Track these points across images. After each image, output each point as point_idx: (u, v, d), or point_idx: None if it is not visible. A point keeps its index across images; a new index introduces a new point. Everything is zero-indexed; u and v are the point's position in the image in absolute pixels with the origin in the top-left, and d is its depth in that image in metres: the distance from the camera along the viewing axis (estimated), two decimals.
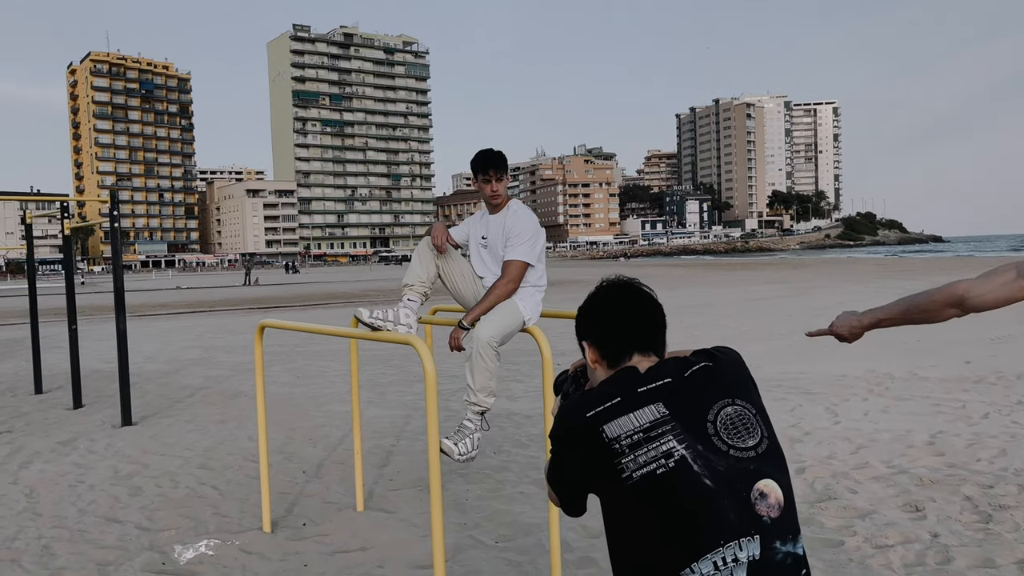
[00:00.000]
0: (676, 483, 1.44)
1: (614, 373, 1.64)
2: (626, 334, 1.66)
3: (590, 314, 1.72)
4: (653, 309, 1.70)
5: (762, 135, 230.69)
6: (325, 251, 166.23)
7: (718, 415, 1.53)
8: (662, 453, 1.46)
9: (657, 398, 1.52)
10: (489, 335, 3.46)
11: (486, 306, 3.52)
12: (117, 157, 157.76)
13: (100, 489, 5.43)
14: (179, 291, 44.57)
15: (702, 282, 35.78)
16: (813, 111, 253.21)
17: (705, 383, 1.57)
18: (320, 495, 5.17)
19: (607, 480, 1.50)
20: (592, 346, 1.70)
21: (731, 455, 1.49)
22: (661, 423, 1.49)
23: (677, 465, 1.45)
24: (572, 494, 1.64)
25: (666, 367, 1.60)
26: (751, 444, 1.52)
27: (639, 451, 1.47)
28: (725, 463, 1.48)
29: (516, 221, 3.63)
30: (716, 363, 1.62)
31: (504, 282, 3.55)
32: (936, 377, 8.56)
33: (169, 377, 10.77)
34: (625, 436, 1.48)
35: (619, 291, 1.71)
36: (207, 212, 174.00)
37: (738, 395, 1.58)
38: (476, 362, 3.51)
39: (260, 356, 4.53)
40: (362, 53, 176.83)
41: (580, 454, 1.54)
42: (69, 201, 8.66)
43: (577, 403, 1.59)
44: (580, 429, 1.54)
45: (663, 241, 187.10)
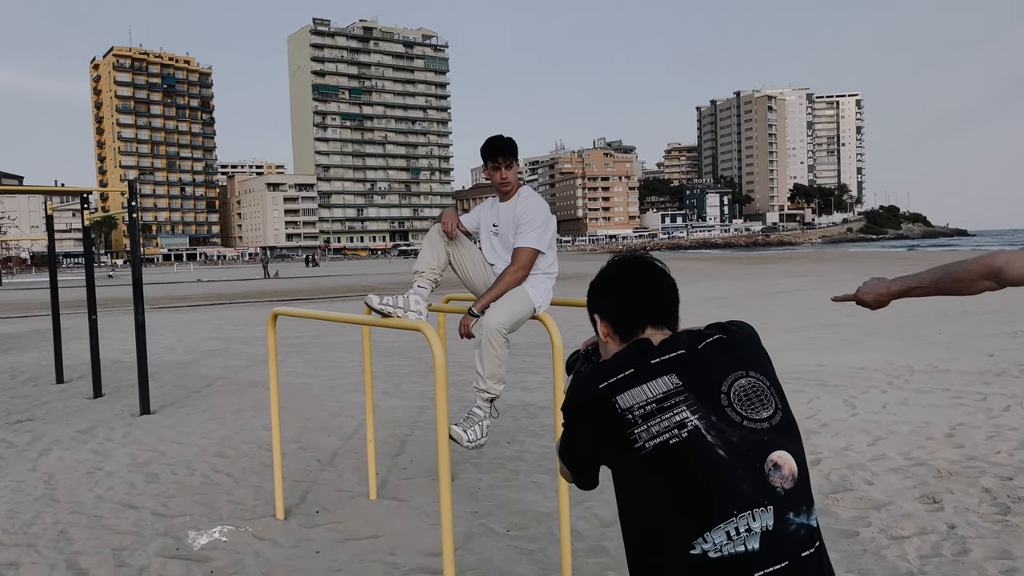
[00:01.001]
0: (689, 453, 1.44)
1: (627, 346, 1.62)
2: (638, 307, 1.65)
3: (602, 288, 1.71)
4: (666, 282, 1.69)
5: (783, 128, 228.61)
6: (345, 244, 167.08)
7: (732, 386, 1.52)
8: (675, 423, 1.46)
9: (670, 369, 1.51)
10: (499, 322, 3.44)
11: (496, 293, 3.51)
12: (139, 151, 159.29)
13: (117, 476, 5.48)
14: (200, 284, 44.97)
15: (722, 275, 35.57)
16: (836, 103, 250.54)
17: (719, 355, 1.56)
18: (333, 483, 5.19)
19: (620, 450, 1.49)
20: (604, 320, 1.68)
21: (745, 426, 1.48)
22: (674, 394, 1.48)
23: (690, 435, 1.45)
24: (584, 466, 1.63)
25: (679, 339, 1.58)
26: (765, 416, 1.51)
27: (652, 421, 1.46)
28: (739, 434, 1.47)
29: (527, 208, 3.61)
30: (730, 336, 1.61)
31: (514, 269, 3.53)
32: (957, 370, 8.45)
33: (188, 367, 10.87)
34: (638, 407, 1.47)
35: (631, 264, 1.70)
36: (228, 206, 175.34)
37: (752, 367, 1.57)
38: (486, 349, 3.51)
39: (273, 343, 4.55)
40: (381, 47, 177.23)
41: (592, 425, 1.53)
42: (88, 193, 8.74)
43: (590, 375, 1.58)
44: (593, 400, 1.53)
45: (683, 235, 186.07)
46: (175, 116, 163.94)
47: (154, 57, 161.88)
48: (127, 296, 30.66)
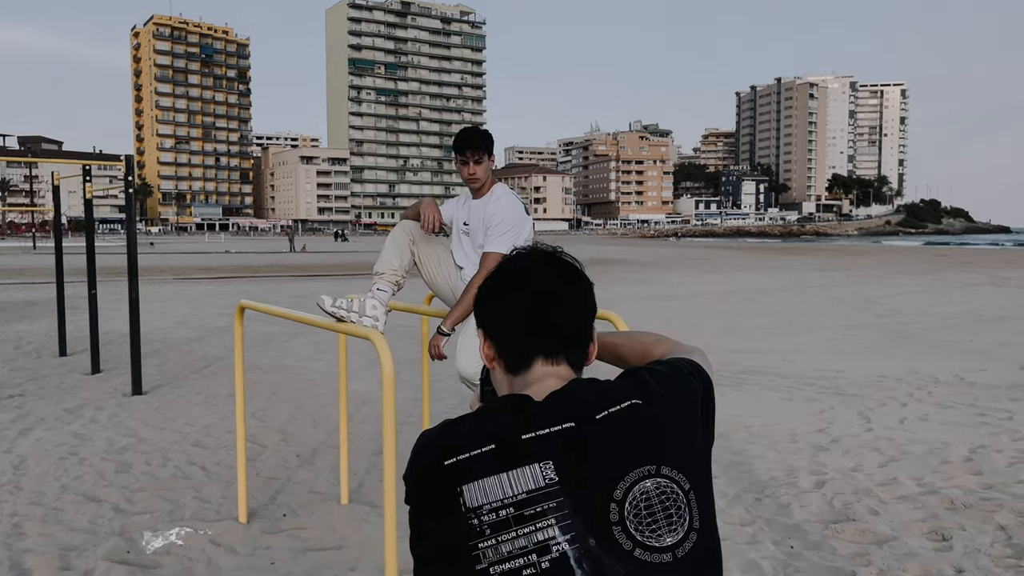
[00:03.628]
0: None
1: (497, 401, 1.18)
2: (528, 329, 1.19)
3: (487, 293, 1.25)
4: (573, 295, 1.23)
5: (824, 116, 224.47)
6: (376, 220, 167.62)
7: (630, 491, 1.05)
8: (535, 544, 1.01)
9: (547, 453, 1.05)
10: (472, 370, 3.17)
11: (464, 307, 3.22)
12: (176, 120, 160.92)
13: (89, 464, 5.30)
14: (227, 255, 45.24)
15: (754, 266, 34.91)
16: (880, 93, 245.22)
17: (623, 435, 1.08)
18: (307, 483, 4.96)
19: (455, 564, 1.06)
20: (487, 338, 1.24)
21: (636, 557, 1.03)
22: (544, 496, 1.03)
23: (552, 567, 1.01)
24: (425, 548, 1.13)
25: (573, 398, 1.12)
26: (669, 543, 1.05)
27: (504, 535, 1.03)
28: (624, 569, 1.03)
29: (498, 208, 3.30)
30: (648, 401, 1.13)
31: (481, 276, 3.23)
32: (984, 383, 8.00)
33: (192, 344, 10.74)
34: (489, 508, 1.03)
35: (527, 265, 1.23)
36: (261, 177, 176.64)
37: (668, 459, 1.09)
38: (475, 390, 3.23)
39: (240, 338, 4.29)
40: (419, 22, 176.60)
41: (427, 509, 1.10)
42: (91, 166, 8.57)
43: (437, 438, 1.13)
44: (431, 478, 1.09)
45: (717, 222, 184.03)
46: (212, 86, 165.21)
47: (193, 27, 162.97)
48: (151, 265, 30.90)
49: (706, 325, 13.13)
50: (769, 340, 11.36)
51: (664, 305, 16.88)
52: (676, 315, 14.60)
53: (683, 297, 19.10)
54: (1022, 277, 25.19)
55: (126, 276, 7.98)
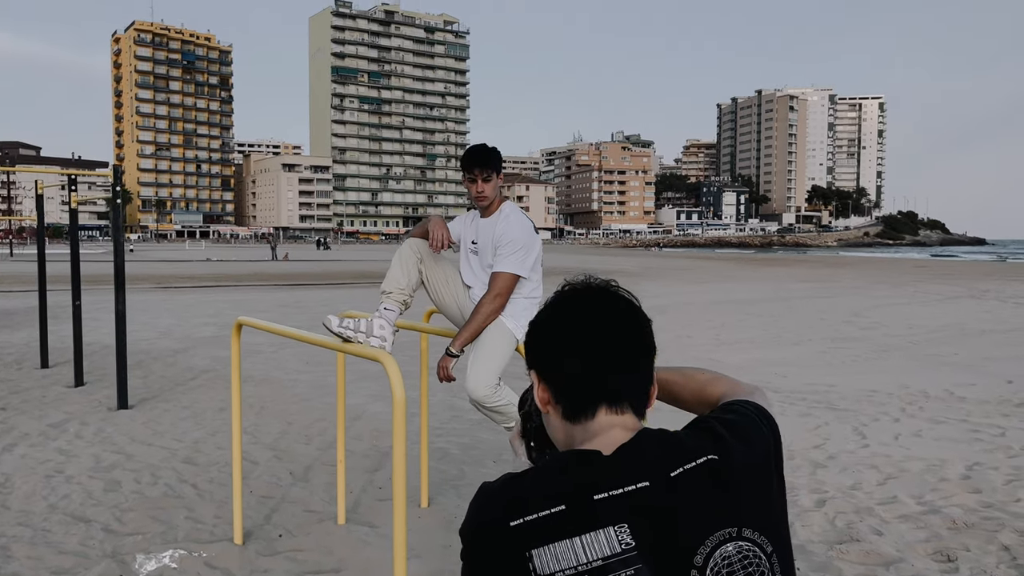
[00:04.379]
0: None
1: (563, 456, 1.09)
2: (591, 374, 1.11)
3: (541, 335, 1.17)
4: (635, 335, 1.15)
5: (804, 128, 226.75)
6: (358, 228, 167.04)
7: (711, 557, 0.98)
8: None
9: (622, 516, 0.98)
10: (482, 393, 3.11)
11: (474, 328, 3.16)
12: (157, 127, 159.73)
13: (76, 482, 5.18)
14: (209, 263, 44.85)
15: (735, 277, 35.06)
16: (858, 106, 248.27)
17: (701, 495, 1.01)
18: (303, 502, 4.86)
19: None
20: (543, 382, 1.16)
21: None
22: (621, 563, 0.95)
23: None
24: None
25: (643, 454, 1.04)
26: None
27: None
28: None
29: (508, 227, 3.25)
30: (725, 455, 1.05)
31: (491, 297, 3.18)
32: (974, 398, 8.03)
33: (178, 356, 10.58)
34: (567, 573, 0.96)
35: (587, 305, 1.15)
36: (243, 185, 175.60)
37: (749, 520, 1.02)
38: (489, 414, 3.18)
39: (237, 354, 4.20)
40: (402, 31, 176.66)
41: (494, 572, 1.02)
42: (76, 176, 8.42)
43: (500, 494, 1.05)
44: (496, 541, 1.01)
45: (698, 232, 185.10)
46: (194, 93, 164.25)
47: (175, 33, 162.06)
48: (142, 273, 30.56)
49: (694, 337, 13.13)
50: (759, 352, 11.38)
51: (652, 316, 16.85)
52: (663, 327, 14.60)
53: (668, 308, 19.12)
54: (1000, 289, 25.47)
55: (107, 285, 7.84)
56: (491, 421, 3.32)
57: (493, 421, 3.28)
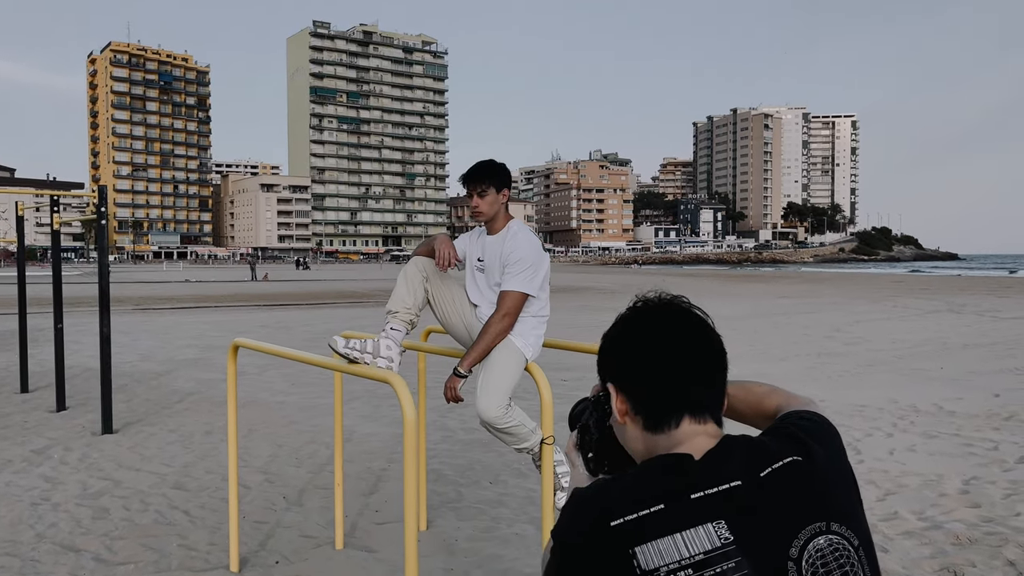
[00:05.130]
0: None
1: (654, 461, 1.11)
2: (676, 386, 1.14)
3: (622, 348, 1.19)
4: (715, 350, 1.18)
5: (779, 146, 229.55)
6: (337, 248, 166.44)
7: (806, 549, 1.01)
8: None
9: (718, 513, 1.01)
10: (493, 414, 3.06)
11: (482, 348, 3.11)
12: (134, 147, 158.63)
13: (64, 509, 5.04)
14: (187, 284, 44.40)
15: (716, 293, 35.23)
16: (831, 124, 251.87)
17: (791, 492, 1.04)
18: (298, 526, 4.76)
19: None
20: (622, 394, 1.18)
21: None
22: (722, 556, 0.98)
23: None
24: None
25: (732, 455, 1.08)
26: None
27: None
28: None
29: (516, 246, 3.21)
30: (809, 457, 1.08)
31: (499, 316, 3.13)
32: (964, 412, 8.07)
33: (161, 379, 10.41)
34: (667, 571, 0.98)
35: (666, 319, 1.18)
36: (221, 205, 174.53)
37: (837, 515, 1.05)
38: (499, 436, 3.13)
39: (233, 376, 4.12)
40: (381, 51, 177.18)
41: (597, 572, 1.02)
42: (59, 196, 8.30)
43: (597, 498, 1.07)
44: (598, 543, 1.02)
45: (676, 249, 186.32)
46: (171, 113, 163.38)
47: (152, 54, 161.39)
48: (120, 295, 30.08)
49: None
50: (746, 368, 11.38)
51: None
52: None
53: None
54: (978, 303, 25.79)
55: (86, 307, 7.74)
56: (499, 441, 3.26)
57: (503, 442, 3.22)
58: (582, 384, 9.89)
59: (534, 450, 3.23)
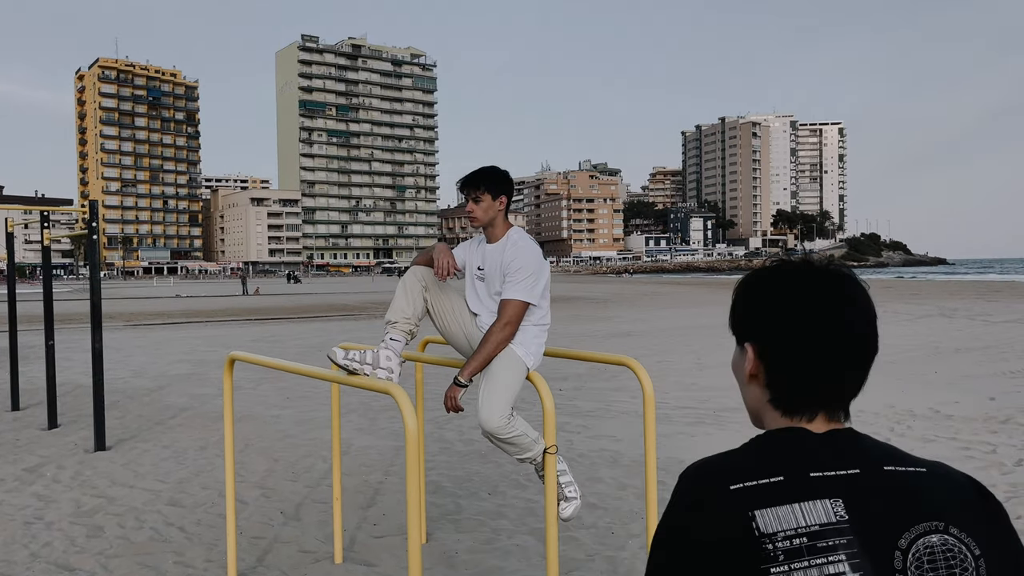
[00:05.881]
0: None
1: (786, 432, 1.09)
2: (827, 381, 1.08)
3: (777, 309, 1.09)
4: (874, 332, 1.10)
5: (767, 154, 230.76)
6: (328, 261, 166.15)
7: (915, 542, 1.00)
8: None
9: (836, 492, 1.01)
10: (496, 424, 3.03)
11: (484, 357, 3.09)
12: (123, 163, 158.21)
13: (57, 528, 4.97)
14: (178, 299, 44.20)
15: (708, 301, 35.29)
16: (819, 131, 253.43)
17: (910, 492, 1.03)
18: (296, 541, 4.71)
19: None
20: (759, 358, 1.11)
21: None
22: (835, 531, 0.99)
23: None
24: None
25: (853, 446, 1.06)
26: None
27: (797, 563, 0.98)
28: None
29: (516, 254, 3.18)
30: (931, 472, 1.06)
31: (501, 325, 3.11)
32: (961, 415, 8.08)
33: (153, 395, 10.32)
34: (784, 536, 0.99)
35: (837, 285, 1.09)
36: (211, 220, 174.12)
37: (956, 522, 1.02)
38: (502, 446, 3.10)
39: (230, 390, 4.08)
40: (370, 64, 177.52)
41: (711, 545, 1.01)
42: (50, 212, 8.24)
43: (716, 467, 1.07)
44: (719, 503, 1.02)
45: (667, 258, 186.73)
46: (160, 129, 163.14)
47: (140, 69, 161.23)
48: (111, 311, 29.92)
49: (675, 362, 13.13)
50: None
51: (629, 342, 16.88)
52: (644, 352, 14.60)
53: (645, 333, 19.16)
54: (969, 308, 25.92)
55: (76, 324, 7.67)
56: (501, 452, 3.23)
57: (506, 453, 3.18)
58: (580, 394, 9.87)
59: (537, 460, 3.20)
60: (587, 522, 4.90)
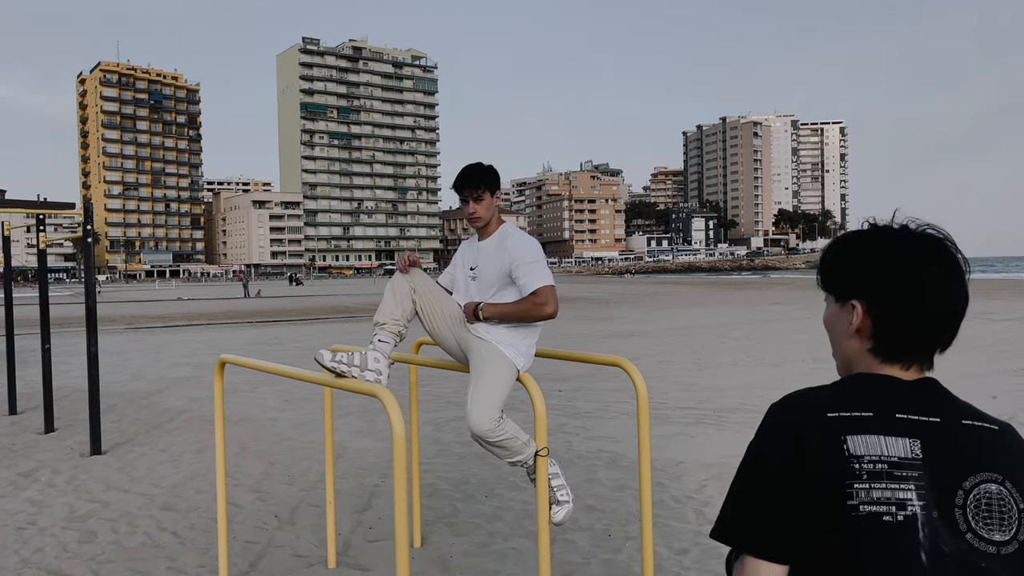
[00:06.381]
0: (892, 542, 1.13)
1: (878, 376, 1.23)
2: (938, 328, 1.22)
3: (898, 267, 1.21)
4: (967, 297, 1.24)
5: (769, 154, 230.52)
6: (330, 263, 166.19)
7: (976, 486, 1.16)
8: (896, 500, 1.13)
9: (916, 433, 1.17)
10: (485, 427, 2.99)
11: (509, 312, 3.06)
12: (124, 167, 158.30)
13: (50, 533, 4.93)
14: (180, 302, 44.20)
15: (710, 301, 35.24)
16: (820, 130, 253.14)
17: (980, 446, 1.18)
18: (290, 546, 4.67)
19: (824, 504, 1.14)
20: (869, 314, 1.23)
21: (967, 540, 1.14)
22: (910, 465, 1.15)
23: (905, 521, 1.13)
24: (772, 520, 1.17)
25: (934, 397, 1.22)
26: (997, 539, 1.14)
27: (876, 484, 1.14)
28: (954, 545, 1.13)
29: (521, 245, 3.14)
30: (1003, 433, 1.21)
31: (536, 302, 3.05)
32: None
33: (152, 398, 10.29)
34: (869, 460, 1.15)
35: (951, 256, 1.22)
36: (213, 222, 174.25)
37: (1012, 480, 1.17)
38: (492, 449, 3.06)
39: (220, 396, 4.03)
40: (371, 67, 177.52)
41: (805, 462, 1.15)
42: (45, 215, 8.21)
43: (812, 398, 1.21)
44: (816, 425, 1.17)
45: (668, 258, 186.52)
46: (161, 132, 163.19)
47: (141, 73, 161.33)
48: (112, 314, 29.98)
49: (676, 362, 13.08)
50: (742, 376, 11.34)
51: (631, 342, 16.83)
52: (644, 352, 14.55)
53: (647, 334, 19.11)
54: (971, 307, 25.79)
55: (76, 327, 7.64)
56: (492, 455, 3.18)
57: (496, 456, 3.14)
58: (580, 394, 9.82)
59: (528, 463, 3.16)
60: (584, 524, 4.86)
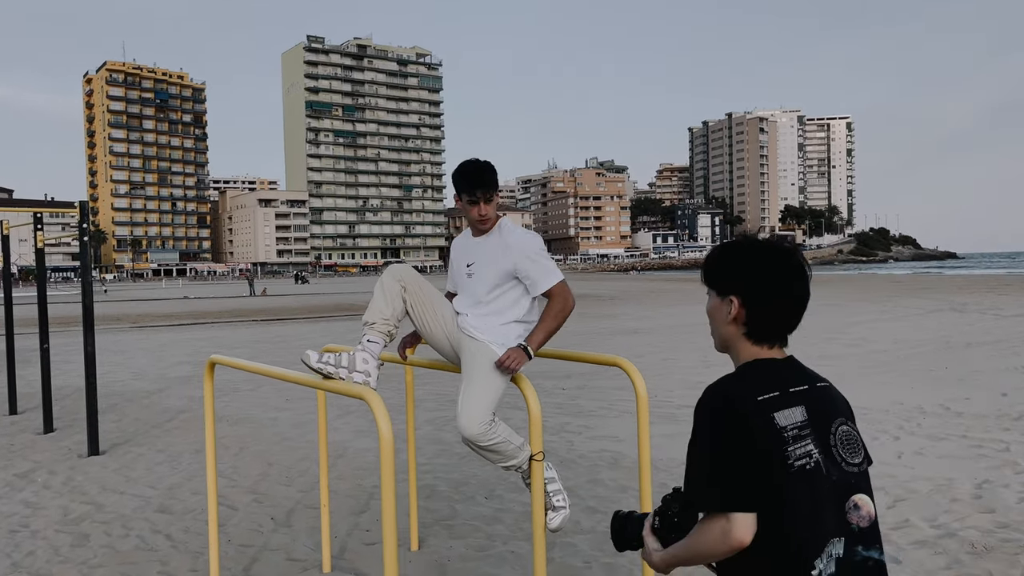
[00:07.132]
0: (813, 481, 1.56)
1: (764, 361, 1.67)
2: (791, 317, 1.68)
3: (762, 272, 1.67)
4: (809, 295, 1.73)
5: (775, 149, 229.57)
6: (336, 261, 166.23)
7: (838, 430, 1.63)
8: (807, 452, 1.56)
9: (802, 401, 1.61)
10: (476, 430, 2.90)
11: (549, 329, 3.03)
12: (131, 166, 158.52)
13: (42, 536, 4.85)
14: (186, 301, 44.21)
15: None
16: (826, 126, 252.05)
17: (829, 399, 1.67)
18: (285, 549, 4.58)
19: (770, 467, 1.53)
20: (743, 306, 1.67)
21: (842, 468, 1.60)
22: (804, 425, 1.58)
23: (816, 466, 1.56)
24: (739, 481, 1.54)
25: (801, 371, 1.69)
26: (856, 462, 1.64)
27: (798, 444, 1.56)
28: (837, 472, 1.59)
29: (520, 240, 3.07)
30: (830, 387, 1.72)
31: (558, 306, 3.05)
32: (971, 412, 7.89)
33: (152, 397, 10.22)
34: (791, 427, 1.56)
35: (799, 263, 1.69)
36: (219, 221, 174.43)
37: (849, 417, 1.69)
38: (484, 454, 2.96)
39: (211, 394, 3.93)
40: (375, 64, 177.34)
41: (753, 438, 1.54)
42: (43, 214, 8.14)
43: (741, 386, 1.61)
44: (750, 407, 1.56)
45: (675, 255, 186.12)
46: (167, 131, 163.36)
47: (147, 72, 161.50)
48: (117, 313, 30.00)
49: (682, 359, 12.95)
50: None
51: (636, 340, 16.71)
52: (649, 350, 14.43)
53: (653, 331, 18.98)
54: (980, 302, 25.62)
55: (79, 326, 7.53)
56: (493, 462, 3.07)
57: (489, 461, 3.03)
58: (583, 392, 9.71)
59: (522, 468, 3.05)
60: (585, 527, 4.75)
